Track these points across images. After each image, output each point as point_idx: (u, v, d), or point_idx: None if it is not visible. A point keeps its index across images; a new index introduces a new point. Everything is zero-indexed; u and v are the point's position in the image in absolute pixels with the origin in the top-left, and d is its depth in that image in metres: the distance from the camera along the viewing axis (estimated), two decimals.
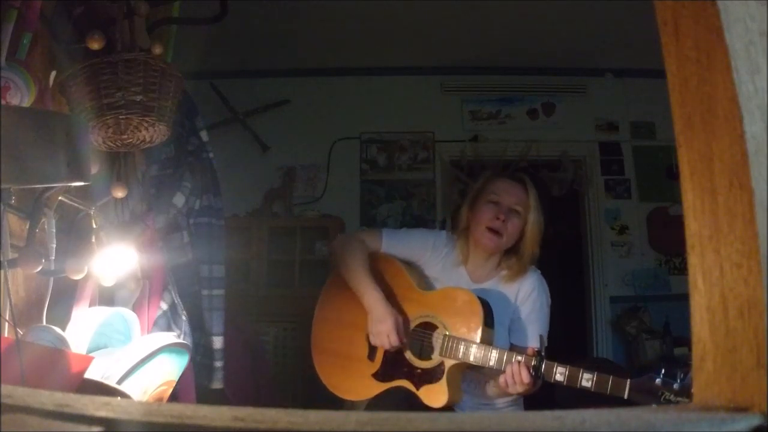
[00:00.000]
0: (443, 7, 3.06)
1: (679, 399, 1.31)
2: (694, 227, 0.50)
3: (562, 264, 4.46)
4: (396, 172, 3.83)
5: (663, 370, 1.35)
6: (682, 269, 3.57)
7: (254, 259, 3.41)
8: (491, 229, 1.74)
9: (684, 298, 0.52)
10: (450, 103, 3.91)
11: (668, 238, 3.64)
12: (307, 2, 3.01)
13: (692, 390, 1.27)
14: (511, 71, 3.88)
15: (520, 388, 1.53)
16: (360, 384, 1.77)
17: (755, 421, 0.42)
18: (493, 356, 1.58)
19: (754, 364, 0.43)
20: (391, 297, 1.77)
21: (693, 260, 0.50)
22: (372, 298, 1.73)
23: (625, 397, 1.37)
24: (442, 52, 3.69)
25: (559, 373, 1.48)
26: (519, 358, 1.54)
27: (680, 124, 0.52)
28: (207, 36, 2.78)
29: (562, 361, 1.53)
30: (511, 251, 1.80)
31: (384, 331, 1.69)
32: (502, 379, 1.56)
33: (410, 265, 1.86)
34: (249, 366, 2.05)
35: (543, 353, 1.54)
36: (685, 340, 3.18)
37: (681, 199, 0.51)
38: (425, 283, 1.83)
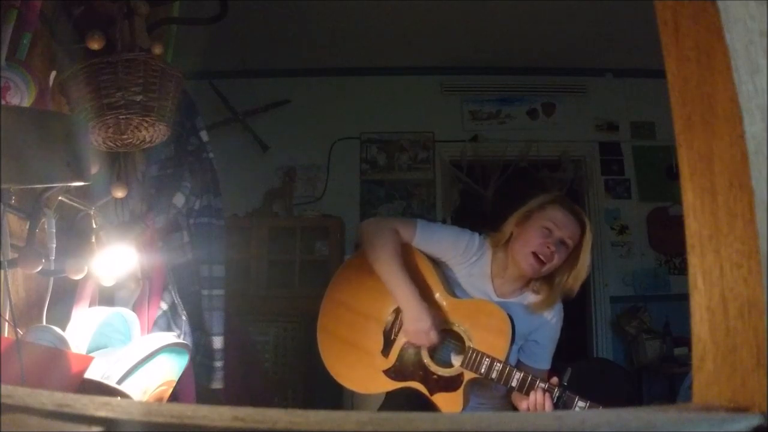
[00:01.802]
0: (443, 7, 3.06)
1: None
2: (694, 227, 0.50)
3: None
4: (396, 172, 3.83)
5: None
6: (682, 269, 3.57)
7: (254, 259, 3.41)
8: (536, 255, 1.67)
9: (684, 298, 0.52)
10: (450, 103, 3.91)
11: (668, 238, 3.64)
12: (307, 2, 3.01)
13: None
14: (511, 71, 3.88)
15: None
16: (369, 377, 1.73)
17: (755, 421, 0.42)
18: (516, 378, 1.55)
19: (754, 364, 0.43)
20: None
21: (693, 260, 0.50)
22: (408, 295, 1.67)
23: None
24: (442, 52, 3.69)
25: (579, 407, 1.45)
26: (542, 385, 1.52)
27: (680, 124, 0.52)
28: (207, 36, 2.78)
29: (563, 362, 1.53)
30: (547, 280, 1.74)
31: (424, 330, 1.64)
32: (524, 405, 1.54)
33: (437, 264, 1.80)
34: (241, 368, 2.05)
35: (566, 383, 1.52)
36: (685, 340, 3.18)
37: (681, 199, 0.51)
38: (450, 286, 1.77)
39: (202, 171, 1.61)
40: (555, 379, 1.54)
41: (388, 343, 1.74)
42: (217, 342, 1.57)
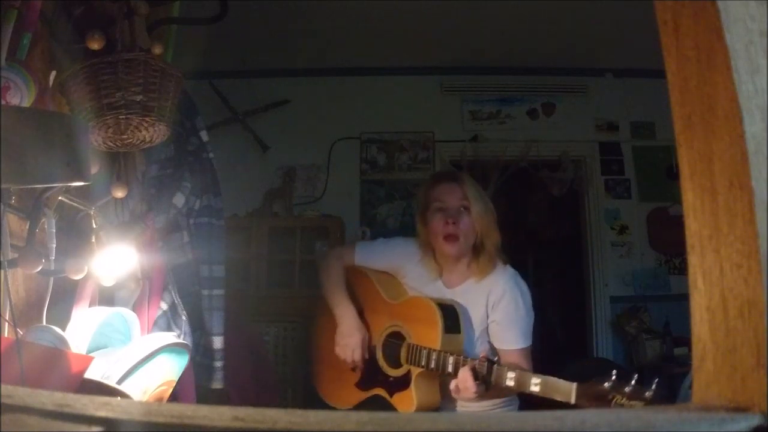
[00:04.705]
0: (443, 7, 3.06)
1: (632, 403, 1.24)
2: (694, 227, 0.50)
3: (562, 264, 4.46)
4: (396, 172, 3.83)
5: (615, 372, 1.29)
6: (682, 269, 3.57)
7: (254, 259, 3.41)
8: (447, 236, 1.76)
9: (684, 298, 0.52)
10: (450, 103, 3.91)
11: (668, 238, 3.64)
12: (307, 2, 3.01)
13: (648, 393, 1.20)
14: (511, 71, 3.87)
15: (470, 394, 1.52)
16: (345, 393, 1.84)
17: (755, 421, 0.42)
18: (450, 362, 1.59)
19: (754, 364, 0.43)
20: (363, 308, 1.85)
21: (693, 260, 0.50)
22: (342, 311, 1.81)
23: (572, 401, 1.32)
24: (442, 52, 3.68)
25: (509, 378, 1.47)
26: (473, 363, 1.54)
27: (680, 124, 0.52)
28: (207, 36, 2.78)
29: (563, 362, 1.53)
30: (476, 248, 1.81)
31: (350, 345, 1.77)
32: (452, 384, 1.57)
33: (386, 276, 1.90)
34: (251, 367, 2.05)
35: (494, 359, 1.54)
36: (685, 340, 3.18)
37: (681, 199, 0.51)
38: (400, 293, 1.85)
39: (202, 171, 1.61)
40: (482, 355, 1.57)
41: None
42: (217, 342, 1.57)
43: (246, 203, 3.62)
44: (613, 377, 1.29)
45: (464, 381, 1.52)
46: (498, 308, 1.74)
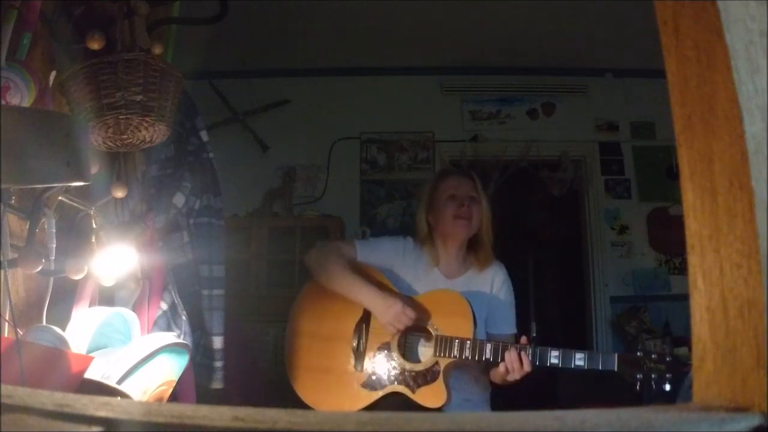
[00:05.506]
0: (443, 7, 3.06)
1: (659, 366, 1.50)
2: (694, 227, 0.50)
3: (562, 264, 4.45)
4: (396, 172, 3.83)
5: (640, 346, 1.50)
6: (682, 269, 3.57)
7: (254, 259, 3.41)
8: (458, 217, 1.84)
9: (684, 298, 0.52)
10: (450, 103, 3.91)
11: (668, 238, 3.64)
12: (306, 2, 3.01)
13: (668, 359, 1.47)
14: (511, 71, 3.87)
15: (518, 375, 1.61)
16: (348, 396, 1.74)
17: (755, 421, 0.42)
18: (488, 348, 1.64)
19: (754, 364, 0.43)
20: None
21: (693, 260, 0.50)
22: (369, 293, 1.75)
23: (615, 369, 1.52)
24: (442, 52, 3.68)
25: (554, 357, 1.57)
26: (515, 345, 1.63)
27: (680, 124, 0.52)
28: (207, 36, 2.78)
29: None
30: (474, 243, 1.91)
31: (397, 311, 1.69)
32: (502, 367, 1.62)
33: (387, 274, 1.90)
34: (246, 367, 2.05)
35: (535, 335, 1.61)
36: (685, 340, 3.18)
37: (681, 199, 0.51)
38: (404, 288, 1.86)
39: (202, 171, 1.61)
40: (524, 338, 1.65)
41: (358, 357, 1.77)
42: (217, 342, 1.57)
43: (246, 203, 3.62)
44: (640, 348, 1.50)
45: (515, 361, 1.59)
46: (499, 296, 1.86)
